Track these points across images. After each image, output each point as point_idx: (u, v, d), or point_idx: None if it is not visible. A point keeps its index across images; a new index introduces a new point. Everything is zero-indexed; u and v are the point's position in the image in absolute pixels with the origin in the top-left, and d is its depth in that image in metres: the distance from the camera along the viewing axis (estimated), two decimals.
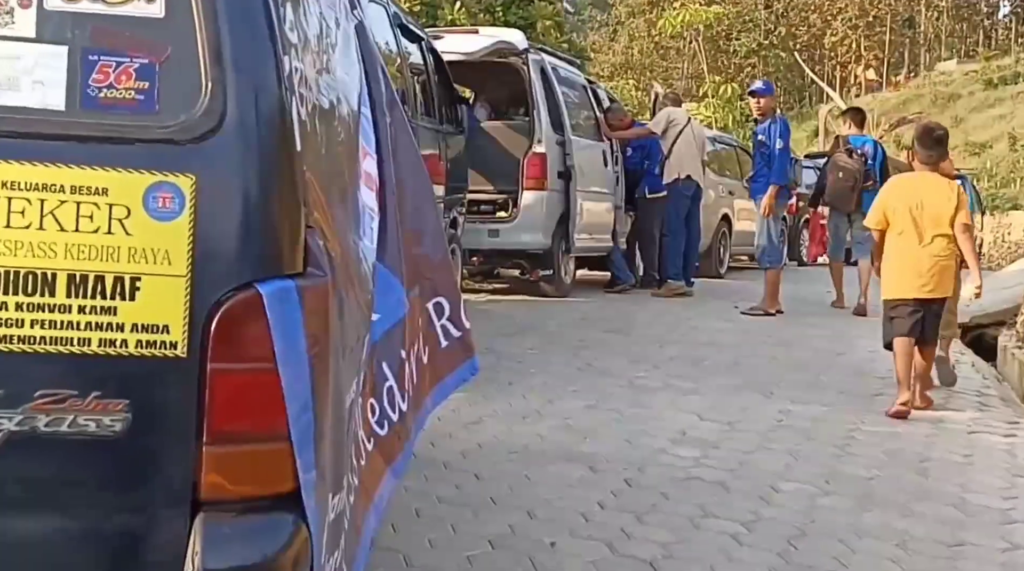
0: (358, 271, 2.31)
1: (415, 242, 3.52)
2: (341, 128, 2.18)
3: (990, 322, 10.41)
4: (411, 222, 3.50)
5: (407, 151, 3.56)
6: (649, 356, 6.90)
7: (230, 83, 1.50)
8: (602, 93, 11.26)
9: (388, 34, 6.19)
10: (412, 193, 3.53)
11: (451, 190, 7.64)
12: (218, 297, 1.49)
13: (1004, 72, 53.99)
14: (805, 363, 7.01)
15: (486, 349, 6.74)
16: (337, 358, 1.73)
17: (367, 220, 2.75)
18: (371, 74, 3.37)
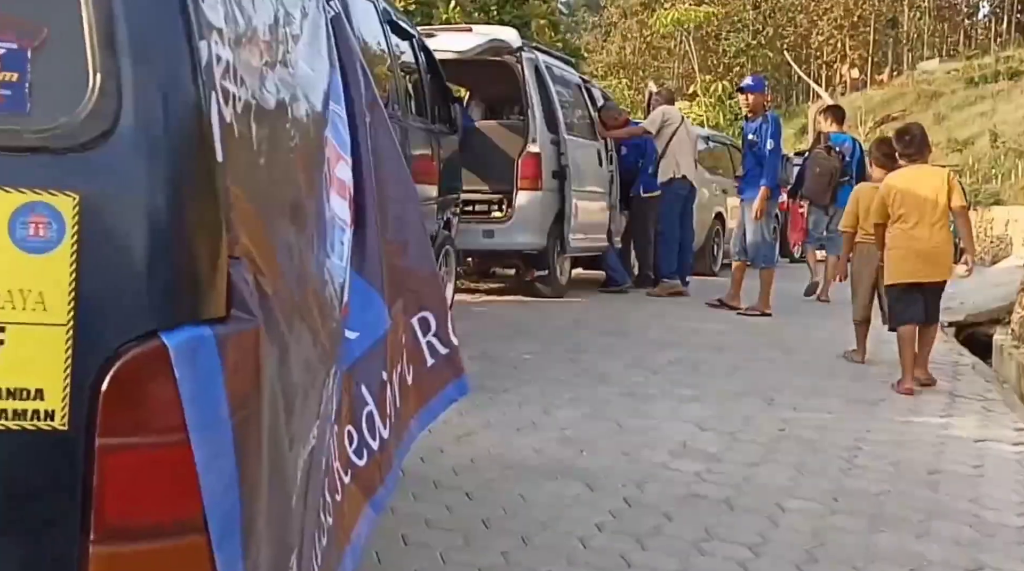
0: (320, 297, 1.93)
1: (398, 253, 3.14)
2: (297, 131, 1.80)
3: (984, 320, 10.04)
4: (393, 231, 3.12)
5: (389, 155, 3.18)
6: (647, 360, 6.52)
7: (126, 75, 1.11)
8: (596, 92, 10.85)
9: (377, 31, 5.80)
10: (394, 200, 3.14)
11: (445, 191, 7.26)
12: (110, 352, 1.11)
13: (985, 71, 53.72)
14: (805, 367, 6.64)
15: (481, 354, 6.37)
16: (278, 415, 1.34)
17: (336, 233, 2.36)
18: (349, 71, 2.99)
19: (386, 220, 3.08)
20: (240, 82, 1.34)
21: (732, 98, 34.28)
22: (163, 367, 1.10)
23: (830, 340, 7.72)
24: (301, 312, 1.59)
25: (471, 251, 8.86)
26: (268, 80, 1.60)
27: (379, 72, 5.81)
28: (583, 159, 9.39)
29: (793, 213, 14.97)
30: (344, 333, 2.58)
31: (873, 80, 59.36)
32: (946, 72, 56.46)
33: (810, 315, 9.27)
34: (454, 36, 8.97)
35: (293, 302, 1.51)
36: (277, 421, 1.33)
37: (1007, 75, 53.18)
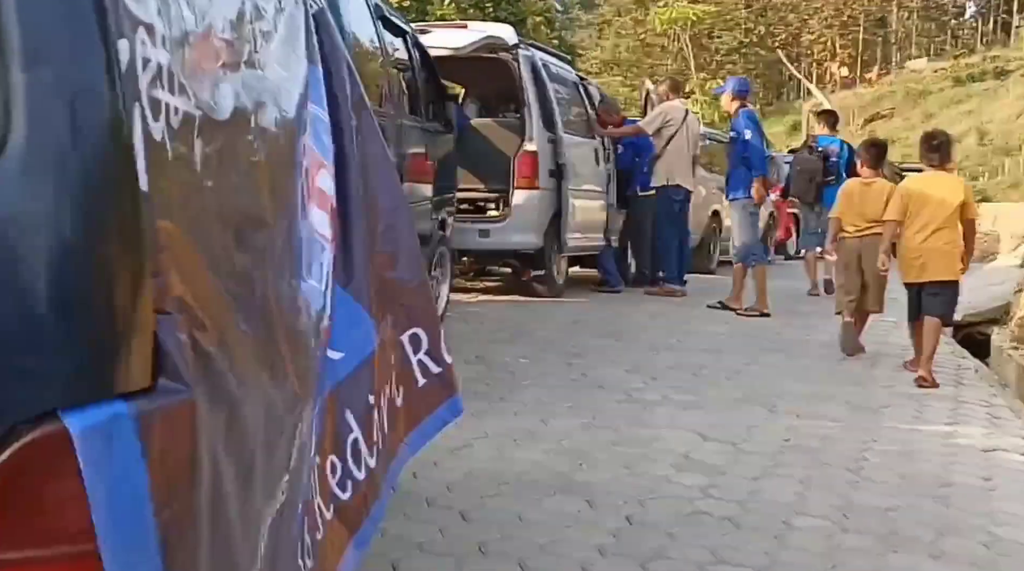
0: (292, 329, 1.66)
1: (387, 265, 2.87)
2: (263, 142, 1.53)
3: (980, 320, 9.81)
4: (382, 242, 2.84)
5: (377, 160, 2.90)
6: (646, 365, 6.26)
7: (16, 82, 0.85)
8: (593, 90, 10.55)
9: (369, 27, 5.51)
10: (383, 209, 2.87)
11: (440, 191, 6.98)
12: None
13: (972, 70, 53.58)
14: (806, 371, 6.37)
15: (476, 358, 6.11)
16: (227, 495, 1.07)
17: (316, 252, 2.09)
18: (334, 71, 2.71)
19: (374, 230, 2.81)
20: (179, 90, 1.07)
21: None
22: (65, 458, 0.83)
23: (831, 343, 7.46)
24: (262, 356, 1.32)
25: (467, 251, 8.59)
26: (224, 86, 1.33)
27: (371, 70, 5.53)
28: (580, 157, 9.12)
29: (780, 212, 14.72)
30: (326, 357, 2.32)
31: (862, 78, 59.20)
32: (934, 71, 56.32)
33: (809, 316, 9.01)
34: (449, 33, 8.68)
35: (250, 348, 1.24)
36: (225, 503, 1.06)
37: (993, 74, 53.05)
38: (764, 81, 61.48)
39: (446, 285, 7.24)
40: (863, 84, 58.16)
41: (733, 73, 54.95)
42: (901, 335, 8.15)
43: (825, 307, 9.64)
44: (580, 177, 9.03)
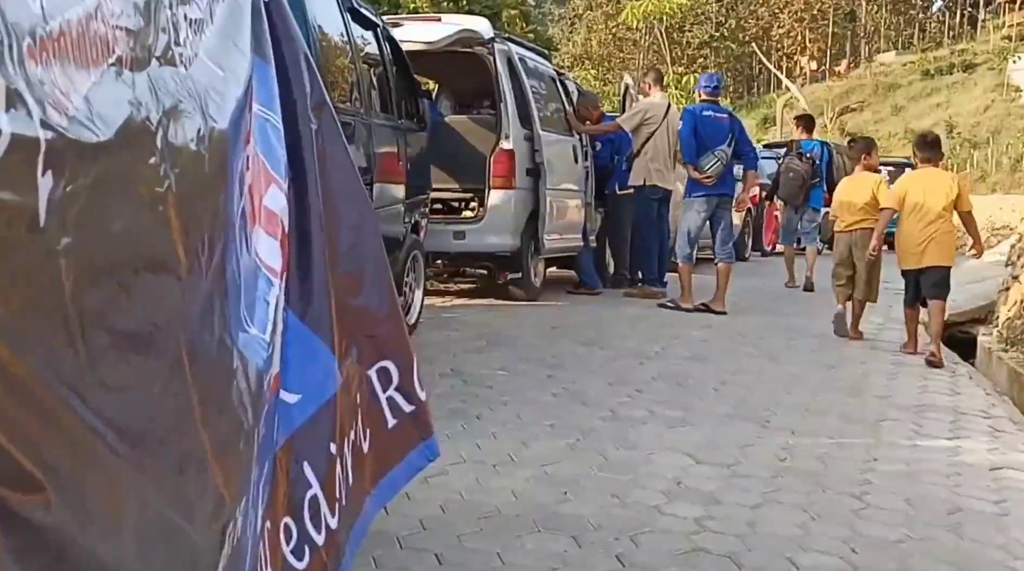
0: (217, 409, 1.29)
1: (351, 290, 2.48)
2: (175, 163, 1.14)
3: (964, 320, 9.54)
4: (346, 263, 2.46)
5: (340, 168, 2.51)
6: (629, 375, 5.90)
7: None
8: (571, 85, 10.16)
9: (336, 19, 5.11)
10: (347, 225, 2.49)
11: (412, 192, 6.60)
12: None
13: (940, 63, 53.73)
14: (796, 380, 6.04)
15: (451, 371, 5.74)
16: None
17: (259, 290, 1.71)
18: (291, 67, 2.33)
19: (336, 250, 2.43)
20: (27, 100, 0.69)
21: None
22: None
23: (817, 348, 7.16)
24: (157, 468, 0.94)
25: (441, 253, 8.20)
26: (107, 91, 0.95)
27: (339, 65, 5.14)
28: (558, 155, 8.74)
29: (768, 213, 14.47)
30: (275, 412, 1.95)
31: (831, 72, 59.26)
32: (902, 64, 56.47)
33: (791, 317, 8.70)
34: (422, 26, 8.27)
35: (131, 462, 0.86)
36: None
37: (961, 67, 53.23)
38: (735, 75, 61.49)
39: (419, 291, 6.85)
40: (832, 78, 58.26)
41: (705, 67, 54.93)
42: (889, 336, 7.87)
43: (805, 308, 9.35)
44: (558, 176, 8.66)
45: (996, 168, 37.00)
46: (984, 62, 51.76)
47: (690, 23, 53.28)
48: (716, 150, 8.42)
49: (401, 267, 6.41)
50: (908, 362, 6.69)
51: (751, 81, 63.93)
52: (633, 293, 9.27)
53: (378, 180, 5.52)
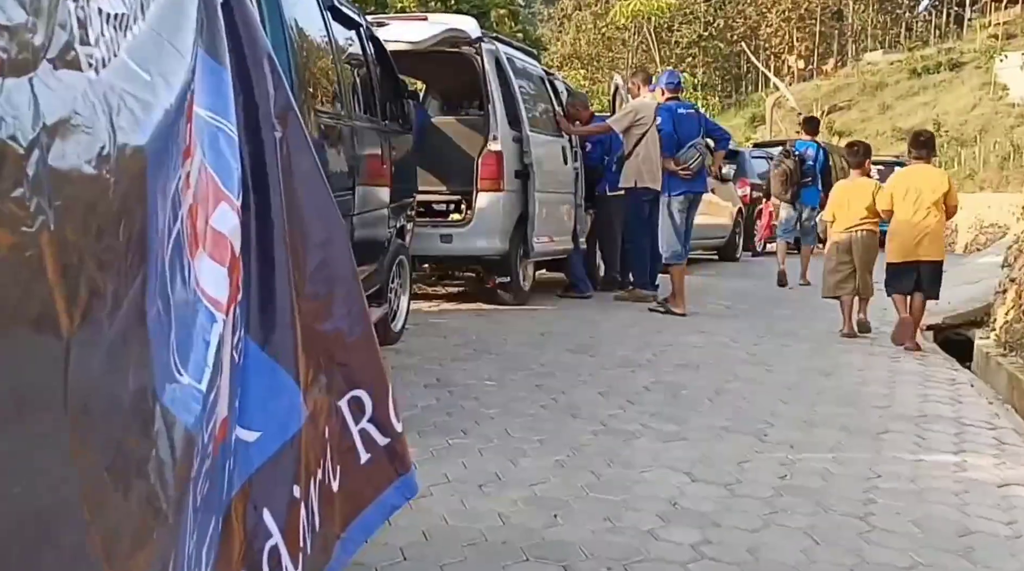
0: (134, 477, 1.05)
1: (320, 313, 2.24)
2: (64, 187, 0.90)
3: (960, 322, 9.32)
4: (314, 285, 2.21)
5: (307, 179, 2.27)
6: (621, 385, 5.67)
7: None
8: (560, 85, 9.91)
9: (316, 18, 4.87)
10: (314, 241, 2.24)
11: (398, 195, 6.36)
12: None
13: (927, 62, 53.67)
14: (792, 390, 5.82)
15: (437, 381, 5.50)
16: None
17: (197, 328, 1.47)
18: (253, 69, 2.08)
19: (303, 271, 2.19)
20: None
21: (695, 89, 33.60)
22: None
23: (812, 354, 6.94)
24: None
25: (428, 257, 7.96)
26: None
27: (320, 66, 4.89)
28: (548, 157, 8.50)
29: (764, 210, 14.59)
30: (226, 456, 1.71)
31: (819, 71, 59.18)
32: (890, 63, 56.40)
33: (785, 321, 8.48)
34: (408, 25, 8.02)
35: None
36: None
37: (948, 66, 53.19)
38: (723, 74, 61.37)
39: (405, 297, 6.61)
40: (820, 77, 58.19)
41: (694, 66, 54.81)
42: (885, 341, 7.66)
43: (797, 312, 9.14)
44: (547, 178, 8.42)
45: (984, 166, 36.93)
46: (971, 61, 51.73)
47: (678, 22, 53.15)
48: (696, 143, 8.39)
49: (386, 273, 6.17)
50: (906, 371, 6.48)
51: (739, 80, 63.80)
52: (624, 296, 9.05)
53: (361, 184, 5.28)
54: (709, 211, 12.95)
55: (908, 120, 47.77)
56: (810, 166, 11.22)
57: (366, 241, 5.67)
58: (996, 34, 54.28)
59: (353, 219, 5.13)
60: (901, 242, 7.11)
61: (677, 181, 8.40)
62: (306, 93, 4.30)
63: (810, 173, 11.23)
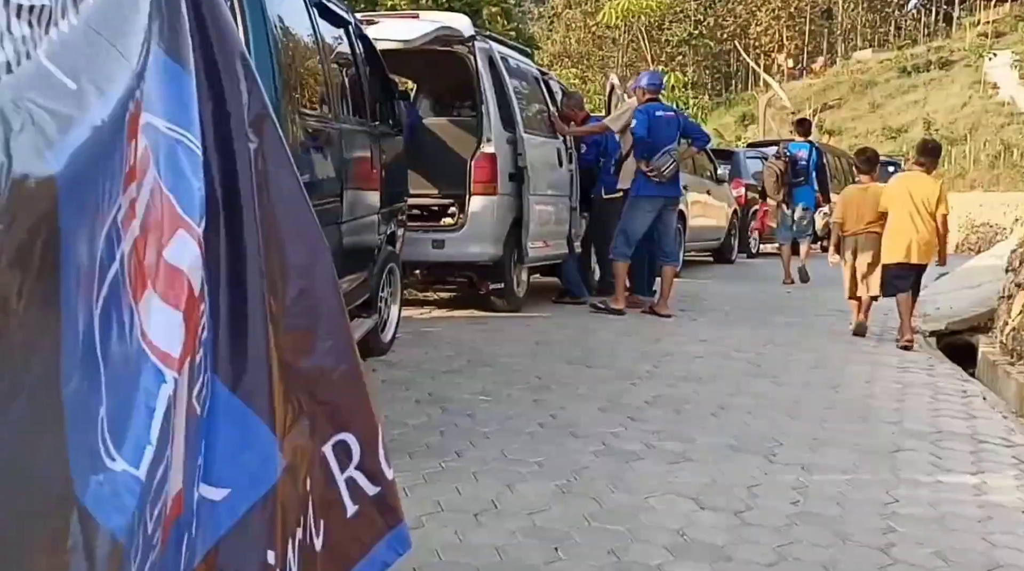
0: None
1: (300, 348, 1.96)
2: None
3: (963, 328, 9.08)
4: (294, 316, 1.93)
5: (287, 197, 1.98)
6: (621, 400, 5.41)
7: None
8: (555, 84, 9.63)
9: (302, 16, 4.59)
10: (294, 266, 1.96)
11: (388, 200, 6.09)
12: None
13: (917, 60, 53.65)
14: (799, 404, 5.56)
15: (429, 396, 5.23)
16: None
17: (141, 392, 1.20)
18: (224, 74, 1.81)
19: (282, 300, 1.92)
20: None
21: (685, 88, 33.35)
22: None
23: (817, 364, 6.69)
24: None
25: (419, 263, 7.69)
26: None
27: (306, 66, 4.61)
28: (542, 159, 8.24)
29: (760, 210, 14.63)
30: (178, 536, 1.44)
31: (808, 69, 59.11)
32: (879, 62, 56.42)
33: (786, 329, 8.23)
34: (398, 23, 7.74)
35: None
36: None
37: (938, 65, 53.17)
38: (713, 72, 61.30)
39: (396, 306, 6.34)
40: (809, 75, 58.14)
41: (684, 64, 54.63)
42: (889, 348, 7.43)
43: (799, 317, 8.89)
44: (542, 180, 8.16)
45: (974, 165, 36.84)
46: (961, 59, 51.70)
47: (669, 21, 52.99)
48: (670, 149, 8.17)
49: (376, 282, 5.90)
50: (916, 382, 6.24)
51: (729, 79, 63.74)
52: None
53: (350, 189, 5.01)
54: (704, 213, 12.73)
55: (898, 118, 47.71)
56: (803, 166, 11.55)
57: (355, 249, 5.40)
58: (985, 32, 54.26)
59: (341, 227, 4.85)
60: (896, 245, 7.39)
61: (648, 183, 8.19)
62: (290, 95, 4.02)
63: (803, 173, 11.57)
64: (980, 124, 43.09)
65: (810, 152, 11.75)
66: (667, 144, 8.17)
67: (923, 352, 7.60)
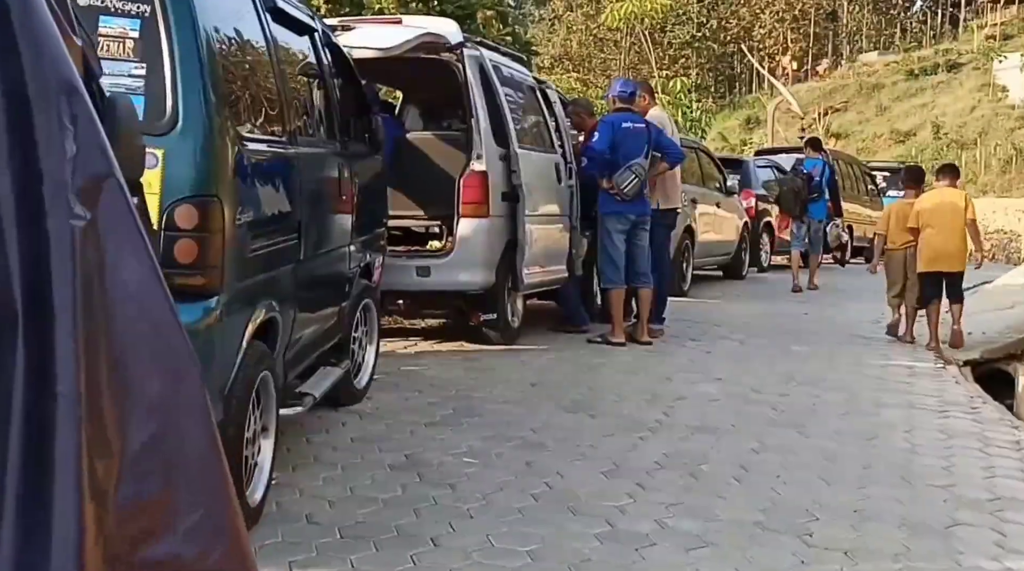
0: None
1: (146, 530, 1.28)
2: None
3: (999, 356, 8.40)
4: (135, 478, 1.24)
5: (135, 294, 1.27)
6: (628, 460, 4.71)
7: None
8: (553, 94, 8.92)
9: (249, 23, 3.90)
10: (144, 401, 1.26)
11: (363, 228, 5.41)
12: None
13: (924, 63, 52.98)
14: (834, 462, 4.86)
15: (405, 459, 4.55)
16: None
17: None
18: (37, 117, 1.12)
19: (119, 454, 1.24)
20: None
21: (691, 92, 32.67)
22: None
23: (847, 408, 6.00)
24: None
25: (402, 293, 7.00)
26: None
27: (255, 81, 3.94)
28: (539, 176, 7.55)
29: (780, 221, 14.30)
30: None
31: (813, 72, 58.49)
32: (885, 64, 55.73)
33: (808, 359, 7.54)
34: (377, 29, 7.06)
35: None
36: None
37: (946, 67, 52.47)
38: (716, 75, 60.68)
39: (372, 347, 5.65)
40: (814, 78, 57.55)
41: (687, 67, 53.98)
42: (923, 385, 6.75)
43: (819, 346, 8.20)
44: (539, 199, 7.47)
45: (985, 170, 36.15)
46: (969, 62, 51.00)
47: (671, 23, 52.39)
48: (633, 165, 7.41)
49: (348, 322, 5.22)
50: (960, 431, 5.54)
51: (732, 81, 63.12)
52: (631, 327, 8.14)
53: (311, 221, 4.33)
54: (713, 227, 12.05)
55: (906, 122, 47.01)
56: (816, 182, 12.47)
57: (321, 289, 4.73)
58: (993, 35, 53.59)
59: (300, 267, 4.17)
60: (931, 255, 8.07)
61: (612, 200, 7.54)
62: (228, 114, 3.35)
63: (817, 189, 12.48)
64: (990, 128, 42.39)
65: (823, 169, 12.66)
66: (633, 158, 7.44)
67: (962, 386, 6.92)
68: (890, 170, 20.85)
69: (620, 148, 7.50)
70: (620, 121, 7.61)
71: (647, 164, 7.61)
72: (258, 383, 3.66)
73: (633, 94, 8.09)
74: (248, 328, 3.52)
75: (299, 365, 4.51)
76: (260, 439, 3.76)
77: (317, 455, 4.56)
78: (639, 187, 7.49)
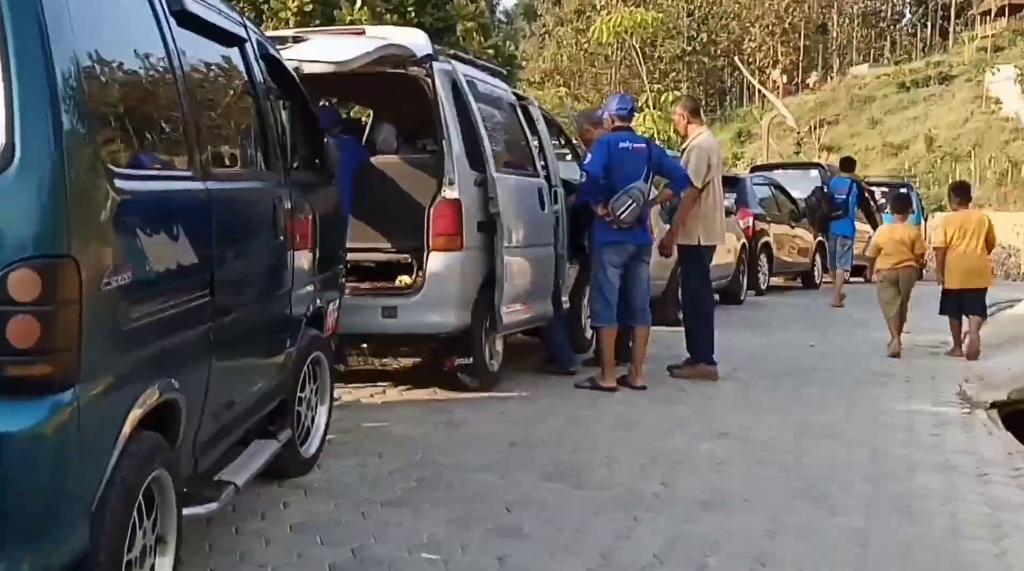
0: None
1: None
2: None
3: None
4: None
5: None
6: (621, 552, 3.88)
7: None
8: (536, 111, 8.08)
9: (144, 30, 3.09)
10: None
11: (311, 269, 4.61)
12: None
13: (916, 75, 52.52)
14: (866, 550, 4.02)
15: (350, 557, 3.70)
16: None
17: None
18: None
19: None
20: None
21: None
22: None
23: (874, 471, 5.18)
24: None
25: (366, 336, 6.19)
26: None
27: (153, 102, 3.13)
28: (519, 202, 6.73)
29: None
30: None
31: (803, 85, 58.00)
32: (876, 77, 55.32)
33: (824, 408, 6.71)
34: (334, 41, 6.25)
35: None
36: None
37: (937, 79, 52.01)
38: (707, 89, 60.16)
39: (324, 408, 4.82)
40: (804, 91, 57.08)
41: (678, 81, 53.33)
42: (959, 442, 5.95)
43: (836, 390, 7.38)
44: (520, 229, 6.65)
45: (981, 183, 35.47)
46: (961, 74, 50.50)
47: (662, 38, 51.80)
48: (631, 189, 6.63)
49: (292, 382, 4.41)
50: (1007, 502, 4.71)
51: (723, 95, 62.66)
52: (682, 372, 7.35)
53: (229, 271, 3.52)
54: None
55: (898, 135, 46.43)
56: (841, 200, 12.69)
57: (248, 349, 3.91)
58: (984, 47, 53.11)
59: (215, 329, 3.34)
60: (953, 274, 8.69)
61: (608, 229, 6.77)
62: (88, 146, 2.52)
63: (841, 207, 12.69)
64: (984, 140, 41.82)
65: (850, 188, 12.83)
66: (631, 182, 6.67)
67: (995, 437, 6.12)
68: (889, 186, 20.10)
69: (617, 171, 6.71)
70: (617, 141, 6.81)
71: (647, 188, 6.83)
72: (147, 485, 2.82)
73: (632, 111, 7.32)
74: (128, 420, 2.69)
75: (220, 444, 3.68)
76: (153, 556, 2.92)
77: (245, 552, 3.72)
78: (638, 213, 6.69)
